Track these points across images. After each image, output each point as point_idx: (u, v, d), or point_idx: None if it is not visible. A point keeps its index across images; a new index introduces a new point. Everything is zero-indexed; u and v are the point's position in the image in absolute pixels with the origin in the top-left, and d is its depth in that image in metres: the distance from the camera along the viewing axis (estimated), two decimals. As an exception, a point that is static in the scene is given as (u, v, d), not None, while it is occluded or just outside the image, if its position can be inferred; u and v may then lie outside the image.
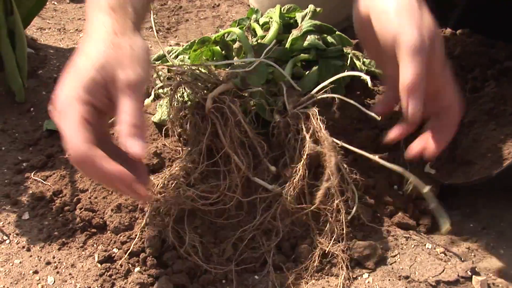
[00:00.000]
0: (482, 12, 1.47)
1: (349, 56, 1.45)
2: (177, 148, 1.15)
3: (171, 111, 1.09)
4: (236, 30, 1.37)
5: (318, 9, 1.46)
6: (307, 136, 1.07)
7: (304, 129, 1.08)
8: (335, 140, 1.09)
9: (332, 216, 1.04)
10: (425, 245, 1.10)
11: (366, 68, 1.55)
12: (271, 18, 1.47)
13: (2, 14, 1.41)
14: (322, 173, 1.05)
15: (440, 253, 1.08)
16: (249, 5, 2.20)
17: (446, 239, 1.12)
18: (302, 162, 1.05)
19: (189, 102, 1.10)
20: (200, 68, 1.11)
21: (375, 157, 1.07)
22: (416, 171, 1.21)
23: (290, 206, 1.04)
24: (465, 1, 1.50)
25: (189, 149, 1.08)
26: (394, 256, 1.06)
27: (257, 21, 1.51)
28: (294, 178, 1.04)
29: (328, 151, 1.04)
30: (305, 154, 1.05)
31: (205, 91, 1.09)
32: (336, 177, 1.03)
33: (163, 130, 1.17)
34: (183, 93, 1.10)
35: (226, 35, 1.42)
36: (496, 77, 1.30)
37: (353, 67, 1.50)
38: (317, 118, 1.08)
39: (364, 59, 1.58)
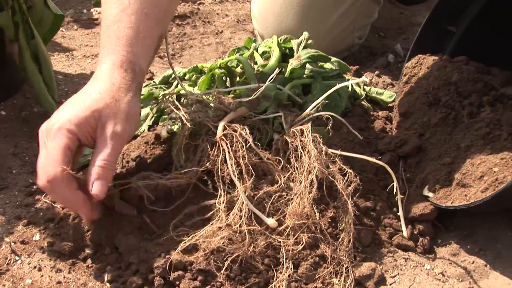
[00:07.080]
0: (478, 40, 1.52)
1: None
2: None
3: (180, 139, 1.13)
4: (242, 58, 1.42)
5: (310, 41, 1.52)
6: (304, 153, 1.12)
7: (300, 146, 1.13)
8: (333, 151, 1.15)
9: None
10: (423, 265, 1.13)
11: (365, 93, 1.59)
12: (270, 47, 1.53)
13: (24, 38, 1.48)
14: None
15: (438, 273, 1.11)
16: (251, 32, 2.26)
17: (444, 261, 1.15)
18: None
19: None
20: (209, 96, 1.16)
21: (373, 159, 1.19)
22: (415, 193, 1.25)
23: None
24: (461, 29, 1.55)
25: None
26: (394, 276, 1.09)
27: (256, 50, 1.56)
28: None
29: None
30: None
31: (215, 118, 1.14)
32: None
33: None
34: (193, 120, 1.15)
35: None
36: (492, 103, 1.34)
37: (354, 93, 1.55)
38: (309, 132, 1.13)
39: (365, 86, 1.63)
